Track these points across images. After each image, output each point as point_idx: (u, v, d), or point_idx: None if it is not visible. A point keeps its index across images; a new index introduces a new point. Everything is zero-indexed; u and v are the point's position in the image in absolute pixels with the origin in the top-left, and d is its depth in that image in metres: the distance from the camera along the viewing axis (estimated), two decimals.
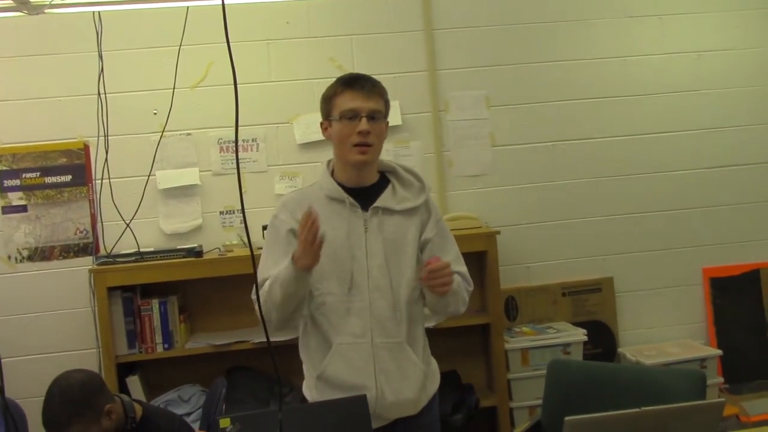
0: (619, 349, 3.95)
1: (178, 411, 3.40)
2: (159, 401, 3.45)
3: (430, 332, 3.52)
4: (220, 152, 3.73)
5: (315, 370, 2.22)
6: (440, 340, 3.73)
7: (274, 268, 2.15)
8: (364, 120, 2.16)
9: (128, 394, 3.43)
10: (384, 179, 2.31)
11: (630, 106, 3.97)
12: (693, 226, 4.02)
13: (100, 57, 3.55)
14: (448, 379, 3.67)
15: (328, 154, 3.67)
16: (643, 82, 3.97)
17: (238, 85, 2.30)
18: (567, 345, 3.68)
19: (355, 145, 2.17)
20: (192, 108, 3.67)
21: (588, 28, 3.93)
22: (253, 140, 3.75)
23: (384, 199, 2.23)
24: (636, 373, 2.57)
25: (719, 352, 3.82)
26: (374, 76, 3.67)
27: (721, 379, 3.82)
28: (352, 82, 2.23)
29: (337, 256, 2.17)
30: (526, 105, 3.90)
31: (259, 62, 3.71)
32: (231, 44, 3.70)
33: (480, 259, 3.72)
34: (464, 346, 3.82)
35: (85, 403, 2.17)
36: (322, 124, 2.29)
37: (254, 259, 1.67)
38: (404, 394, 2.20)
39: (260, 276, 2.18)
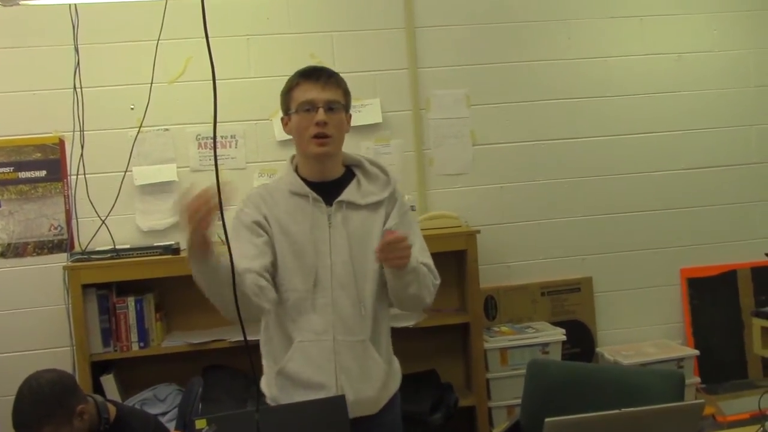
0: (598, 349, 3.96)
1: (154, 410, 3.36)
2: (134, 400, 3.40)
3: (409, 332, 3.59)
4: (198, 148, 3.68)
5: (276, 365, 2.18)
6: (419, 339, 3.74)
7: (240, 260, 2.03)
8: (321, 111, 2.12)
9: (103, 393, 3.38)
10: (350, 173, 2.26)
11: (611, 107, 3.98)
12: (671, 227, 4.04)
13: (77, 50, 3.49)
14: (427, 378, 3.66)
15: None
16: (624, 82, 3.98)
17: (217, 81, 2.30)
18: (546, 345, 3.68)
19: (313, 137, 2.13)
20: (170, 103, 3.62)
21: (569, 28, 3.93)
22: (231, 137, 3.70)
23: (348, 193, 2.19)
24: (615, 373, 2.58)
25: (696, 352, 3.84)
26: (355, 74, 3.76)
27: (698, 379, 3.84)
28: (308, 74, 2.19)
29: (301, 251, 2.14)
30: (507, 104, 3.89)
31: (239, 58, 3.67)
32: (210, 39, 3.65)
33: (459, 258, 3.71)
34: (443, 346, 3.81)
35: (56, 404, 2.13)
36: (282, 119, 2.24)
37: (232, 257, 1.65)
38: (365, 392, 2.16)
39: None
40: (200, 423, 1.73)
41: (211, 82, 1.55)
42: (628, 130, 3.99)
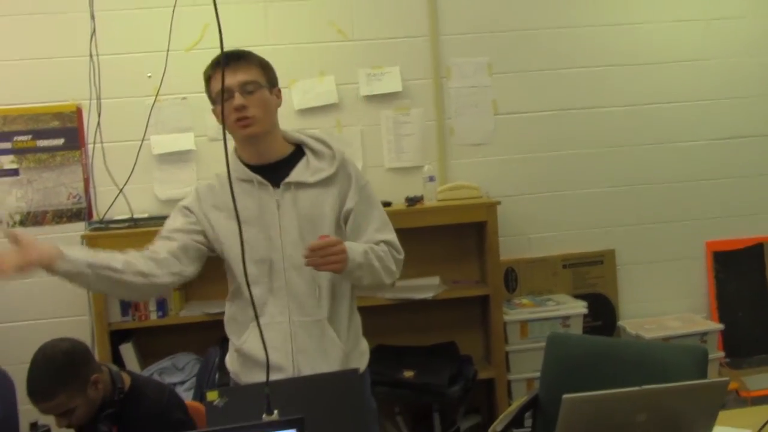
0: (619, 323, 3.91)
1: (173, 379, 3.37)
2: (153, 369, 3.42)
3: (427, 304, 3.56)
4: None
5: (236, 342, 2.20)
6: (438, 311, 3.72)
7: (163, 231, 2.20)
8: (237, 95, 2.08)
9: (122, 361, 3.41)
10: (299, 152, 2.22)
11: (636, 75, 3.87)
12: (697, 199, 3.95)
13: (93, 17, 3.45)
14: (446, 350, 3.64)
15: (328, 120, 3.66)
16: (651, 50, 3.87)
17: (233, 49, 2.26)
18: (566, 318, 3.64)
19: (236, 121, 2.10)
20: (187, 71, 3.55)
21: None
22: None
23: (296, 174, 2.16)
24: (637, 348, 2.52)
25: (720, 326, 3.78)
26: (375, 41, 3.70)
27: (722, 354, 3.78)
28: (218, 62, 2.14)
29: (251, 237, 2.10)
30: (529, 72, 3.81)
31: (256, 25, 3.62)
32: (227, 6, 3.60)
33: (480, 229, 3.66)
34: (463, 318, 3.78)
35: (70, 373, 2.12)
36: (213, 111, 2.22)
37: (240, 228, 1.62)
38: (322, 371, 2.11)
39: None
40: (211, 395, 1.71)
41: (227, 49, 1.49)
42: (654, 100, 3.89)
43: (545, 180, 3.85)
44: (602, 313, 3.92)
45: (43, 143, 3.55)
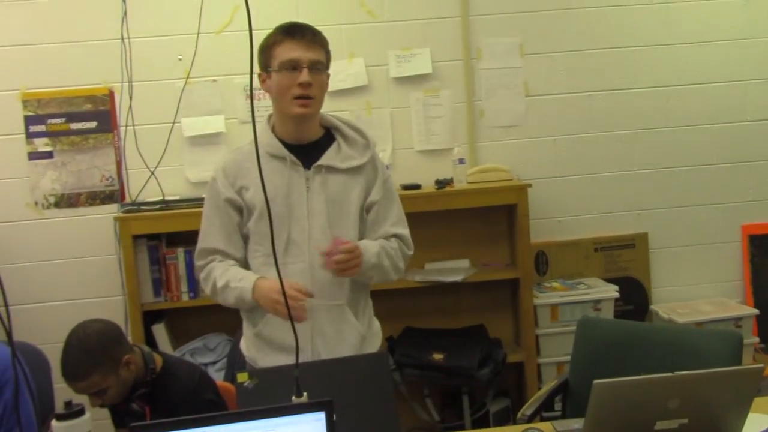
0: (652, 307, 3.86)
1: (204, 359, 3.41)
2: (185, 349, 3.46)
3: (457, 287, 3.56)
4: (246, 99, 3.65)
5: (253, 327, 2.20)
6: (468, 294, 3.71)
7: (216, 237, 2.19)
8: (305, 71, 2.05)
9: (154, 342, 3.45)
10: (329, 136, 2.22)
11: (671, 55, 3.79)
12: (733, 181, 3.88)
13: (123, 0, 3.47)
14: (476, 333, 3.63)
15: (358, 102, 3.65)
16: (686, 29, 3.79)
17: (263, 30, 2.26)
18: (598, 302, 3.61)
19: (296, 98, 2.07)
20: (217, 54, 3.58)
21: None
22: None
23: (328, 157, 2.16)
24: (669, 333, 2.49)
25: (756, 311, 3.71)
26: (405, 22, 3.67)
27: (757, 339, 3.72)
28: (292, 31, 2.11)
29: (280, 216, 2.10)
30: (561, 53, 3.75)
31: (287, 6, 3.59)
32: None
33: (510, 212, 3.64)
34: (493, 301, 3.77)
35: (103, 354, 2.15)
36: (260, 75, 2.17)
37: (270, 208, 1.63)
38: (340, 355, 2.12)
39: (202, 241, 2.23)
40: (242, 376, 1.73)
41: (258, 31, 1.49)
42: (689, 80, 3.81)
43: (576, 162, 3.81)
44: (634, 297, 3.87)
45: (76, 126, 3.58)
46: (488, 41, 3.72)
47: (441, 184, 3.55)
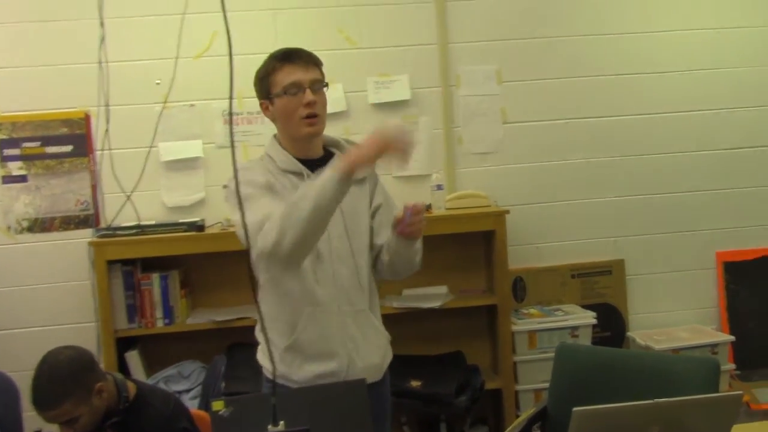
0: (629, 333, 3.87)
1: (178, 387, 3.35)
2: (159, 377, 3.40)
3: (434, 313, 3.55)
4: (224, 124, 3.64)
5: (285, 340, 2.16)
6: (445, 320, 3.69)
7: (271, 205, 2.00)
8: (308, 91, 2.13)
9: (127, 369, 3.39)
10: (329, 154, 2.27)
11: (646, 84, 3.85)
12: (708, 209, 3.92)
13: (102, 24, 3.45)
14: (453, 360, 3.61)
15: (336, 128, 3.64)
16: (661, 59, 3.85)
17: (243, 56, 2.25)
18: (575, 328, 3.61)
19: (305, 118, 2.13)
20: (196, 78, 3.57)
21: (605, 2, 3.80)
22: (257, 112, 3.62)
23: None
24: (647, 359, 2.49)
25: (731, 338, 3.74)
26: (383, 49, 3.69)
27: (733, 366, 3.74)
28: (288, 56, 2.18)
29: None
30: (539, 81, 3.79)
31: (265, 32, 3.61)
32: (235, 13, 3.58)
33: (488, 238, 3.64)
34: (471, 327, 3.75)
35: (75, 382, 2.10)
36: (261, 104, 2.21)
37: (248, 234, 1.61)
38: (371, 359, 2.22)
39: (259, 214, 1.97)
40: (217, 405, 1.69)
41: (237, 56, 1.48)
42: (665, 109, 3.87)
43: (554, 189, 3.83)
44: (611, 324, 3.88)
45: (51, 150, 3.55)
46: (466, 68, 3.75)
47: None
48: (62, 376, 2.09)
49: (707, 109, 3.89)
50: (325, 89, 2.21)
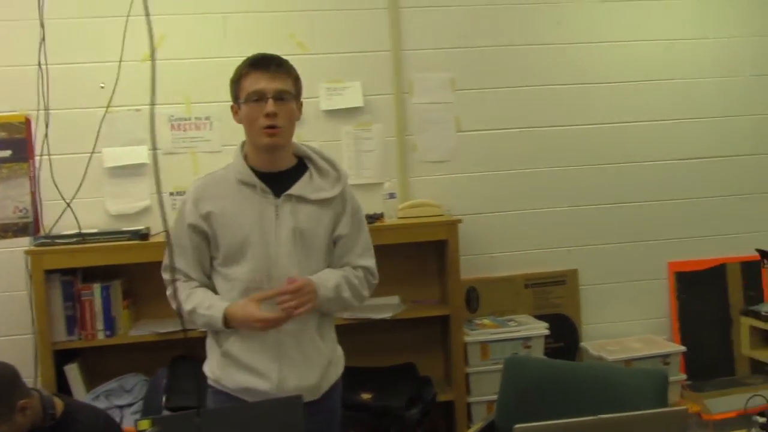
0: (582, 344, 3.85)
1: (120, 401, 3.24)
2: (99, 391, 3.28)
3: (386, 324, 3.49)
4: (171, 130, 3.54)
5: (220, 347, 2.18)
6: (397, 331, 3.63)
7: (178, 258, 2.17)
8: (270, 101, 2.08)
9: (66, 383, 3.26)
10: (302, 165, 2.24)
11: (599, 94, 3.85)
12: (659, 219, 3.93)
13: (42, 25, 3.33)
14: (405, 371, 3.55)
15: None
16: (613, 69, 3.86)
17: (191, 60, 2.18)
18: (528, 339, 3.58)
19: (264, 128, 2.09)
20: (142, 82, 3.46)
21: (560, 11, 3.80)
22: (206, 118, 3.56)
23: (299, 188, 2.17)
24: (596, 371, 2.46)
25: (683, 348, 3.74)
26: (336, 55, 3.63)
27: (684, 376, 3.74)
28: (257, 63, 2.14)
29: (247, 242, 2.13)
30: (493, 89, 3.76)
31: (215, 36, 3.53)
32: (185, 16, 3.50)
33: (441, 248, 3.59)
34: (423, 338, 3.70)
35: None
36: (232, 107, 2.20)
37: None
38: (307, 380, 2.17)
39: (166, 258, 2.19)
40: (143, 424, 1.61)
41: (186, 60, 1.42)
42: (617, 119, 3.87)
43: (508, 198, 3.80)
44: (565, 334, 3.86)
45: None
46: (420, 76, 3.71)
47: (371, 219, 3.48)
48: None
49: (658, 120, 3.90)
50: (294, 101, 2.15)
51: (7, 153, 3.43)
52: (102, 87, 3.43)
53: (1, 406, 1.99)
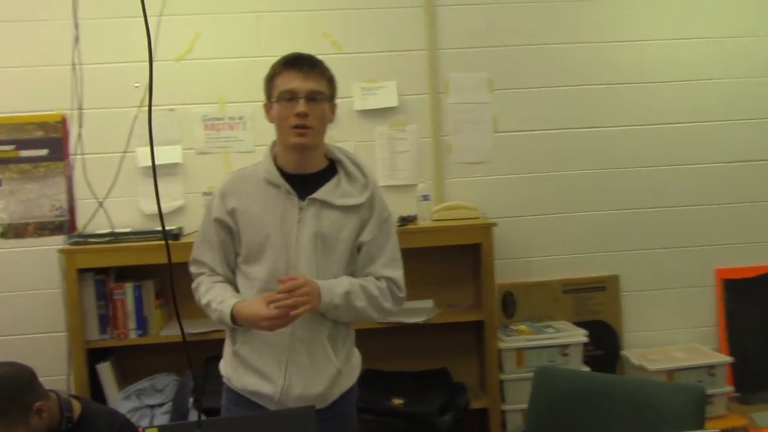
0: (623, 352, 3.73)
1: (151, 401, 3.24)
2: (131, 390, 3.28)
3: (419, 328, 3.41)
4: (205, 129, 3.53)
5: (232, 344, 2.20)
6: (431, 336, 3.57)
7: (204, 251, 2.22)
8: (302, 101, 2.06)
9: (98, 382, 3.28)
10: (332, 168, 2.20)
11: (644, 94, 3.71)
12: (707, 224, 3.77)
13: (76, 26, 3.35)
14: (438, 377, 3.48)
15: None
16: (659, 68, 3.71)
17: (225, 59, 2.13)
18: (565, 346, 3.47)
19: (293, 128, 2.07)
20: (176, 82, 3.47)
21: (601, 8, 3.67)
22: (240, 118, 3.55)
23: (324, 192, 2.14)
24: (630, 385, 2.34)
25: (730, 359, 3.59)
26: (370, 55, 3.57)
27: (731, 388, 3.58)
28: (291, 62, 2.13)
29: (268, 242, 2.11)
30: (531, 89, 3.65)
31: (248, 36, 3.50)
32: (219, 15, 3.49)
33: (476, 251, 3.50)
34: (457, 344, 3.62)
35: (10, 402, 1.99)
36: (265, 106, 2.19)
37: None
38: (313, 389, 2.12)
39: (194, 250, 2.25)
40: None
41: (220, 60, 1.39)
42: (662, 120, 3.72)
43: (547, 201, 3.69)
44: (605, 342, 3.74)
45: (26, 153, 3.45)
46: (456, 75, 3.62)
47: (404, 221, 3.43)
48: None
49: (707, 121, 3.75)
50: (327, 102, 2.13)
51: (43, 152, 3.46)
52: (137, 86, 3.43)
53: (16, 408, 1.99)
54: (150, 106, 1.37)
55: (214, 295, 2.14)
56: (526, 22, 3.63)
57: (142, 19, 3.48)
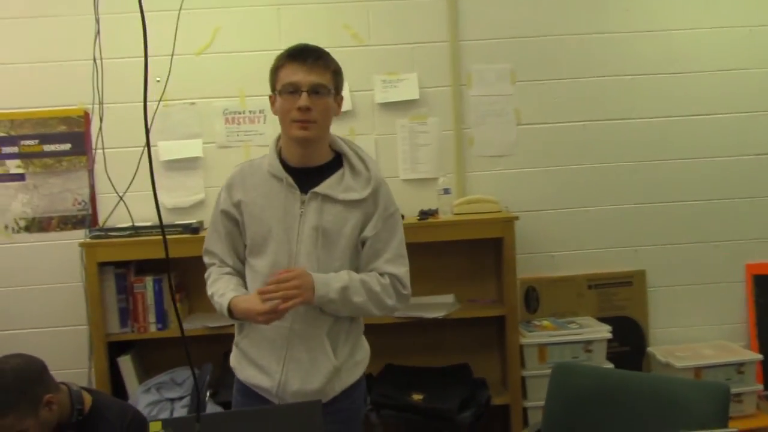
0: (649, 349, 3.65)
1: (171, 394, 3.25)
2: (151, 384, 3.29)
3: (439, 323, 3.38)
4: (225, 123, 3.53)
5: (237, 336, 2.23)
6: (451, 331, 3.53)
7: (214, 242, 2.24)
8: (304, 95, 2.03)
9: (119, 375, 3.30)
10: (337, 161, 2.18)
11: (672, 85, 3.62)
12: (737, 218, 3.67)
13: (97, 21, 3.36)
14: (458, 373, 3.45)
15: (342, 128, 3.51)
16: (688, 58, 3.62)
17: (245, 53, 2.08)
18: (589, 342, 3.41)
19: (295, 121, 2.05)
20: (196, 76, 3.47)
21: None
22: (260, 111, 3.53)
23: (327, 186, 2.12)
24: (650, 382, 2.28)
25: (760, 356, 3.49)
26: (392, 46, 3.54)
27: (761, 387, 3.49)
28: (295, 55, 2.09)
29: (270, 236, 2.10)
30: (555, 81, 3.59)
31: (269, 29, 3.49)
32: (239, 9, 3.47)
33: (498, 245, 3.45)
34: (479, 339, 3.58)
35: (20, 393, 2.00)
36: (270, 98, 2.17)
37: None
38: (310, 384, 2.10)
39: (205, 241, 2.27)
40: (155, 425, 1.56)
41: (241, 53, 1.38)
42: (690, 111, 3.63)
43: (571, 194, 3.63)
44: (630, 338, 3.67)
45: (49, 148, 3.48)
46: (478, 67, 3.57)
47: (425, 215, 3.39)
48: (6, 386, 1.99)
49: (736, 112, 3.65)
50: (331, 96, 2.09)
51: (66, 146, 3.48)
52: (158, 81, 3.43)
53: (24, 401, 2.00)
54: (145, 104, 1.36)
55: (217, 288, 2.15)
56: (549, 12, 3.57)
57: (162, 13, 3.51)
